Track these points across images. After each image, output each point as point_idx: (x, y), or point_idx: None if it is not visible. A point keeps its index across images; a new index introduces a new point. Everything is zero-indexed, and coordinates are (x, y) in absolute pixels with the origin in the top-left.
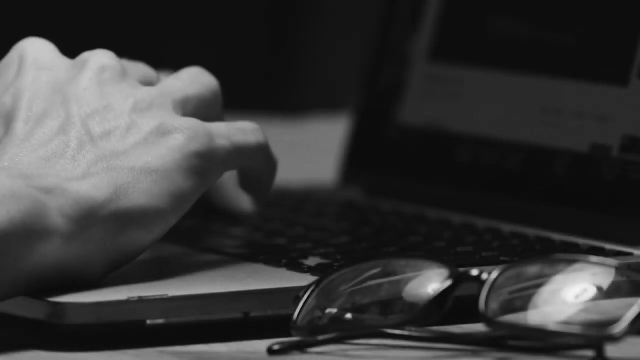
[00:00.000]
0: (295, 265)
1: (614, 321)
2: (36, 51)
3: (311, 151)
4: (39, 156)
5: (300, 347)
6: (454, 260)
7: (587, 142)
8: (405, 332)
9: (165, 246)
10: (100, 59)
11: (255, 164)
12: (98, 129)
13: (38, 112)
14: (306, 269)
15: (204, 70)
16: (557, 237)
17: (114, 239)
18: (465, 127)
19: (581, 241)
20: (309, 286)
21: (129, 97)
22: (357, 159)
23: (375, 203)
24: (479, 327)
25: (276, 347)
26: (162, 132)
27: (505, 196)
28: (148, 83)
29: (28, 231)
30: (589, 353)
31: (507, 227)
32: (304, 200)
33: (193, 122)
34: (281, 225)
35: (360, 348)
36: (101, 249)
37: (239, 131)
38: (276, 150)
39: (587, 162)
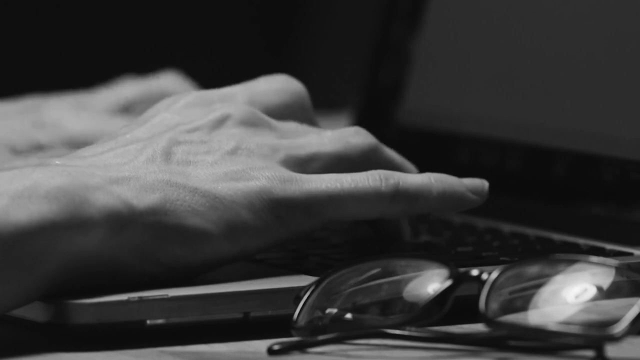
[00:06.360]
0: (295, 265)
1: (614, 321)
2: (187, 98)
3: None
4: (100, 160)
5: (300, 347)
6: (454, 260)
7: (586, 141)
8: (405, 332)
9: None
10: (238, 117)
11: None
12: (179, 155)
13: (131, 139)
14: (306, 269)
15: (360, 129)
16: (557, 237)
17: (151, 251)
18: (465, 126)
19: (581, 241)
20: (309, 286)
21: (232, 139)
22: None
23: None
24: (479, 327)
25: (276, 347)
26: (244, 176)
27: (505, 196)
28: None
29: (64, 227)
30: (589, 353)
31: (507, 227)
32: None
33: (284, 174)
34: None
35: (360, 348)
36: (137, 257)
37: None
38: None
39: (587, 162)
